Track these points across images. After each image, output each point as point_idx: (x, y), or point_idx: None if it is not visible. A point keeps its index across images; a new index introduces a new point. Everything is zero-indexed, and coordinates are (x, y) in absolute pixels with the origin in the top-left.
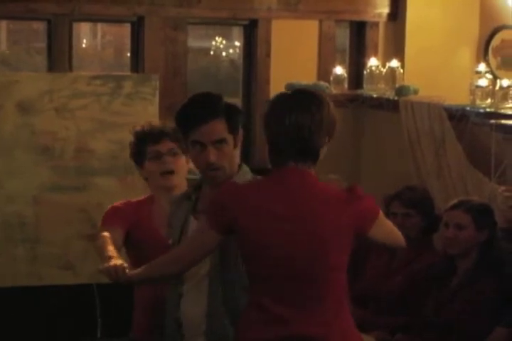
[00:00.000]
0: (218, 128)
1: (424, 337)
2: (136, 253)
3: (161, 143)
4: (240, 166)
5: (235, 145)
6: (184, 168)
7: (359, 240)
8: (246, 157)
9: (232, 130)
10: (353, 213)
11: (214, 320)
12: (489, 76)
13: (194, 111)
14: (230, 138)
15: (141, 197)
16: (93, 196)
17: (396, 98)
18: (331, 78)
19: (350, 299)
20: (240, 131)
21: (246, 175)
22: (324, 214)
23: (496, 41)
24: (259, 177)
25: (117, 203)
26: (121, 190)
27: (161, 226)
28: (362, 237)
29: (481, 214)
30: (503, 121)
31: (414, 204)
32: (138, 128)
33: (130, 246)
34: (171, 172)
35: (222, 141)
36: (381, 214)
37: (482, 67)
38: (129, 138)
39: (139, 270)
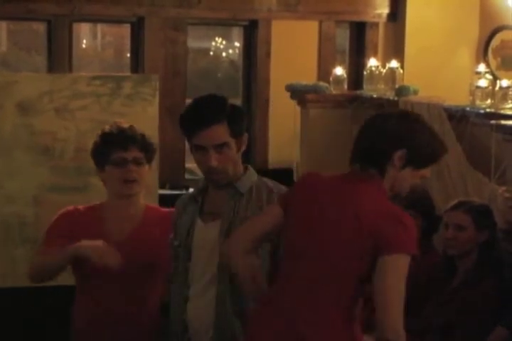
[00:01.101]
0: (219, 132)
1: (424, 338)
2: (81, 268)
3: (129, 151)
4: (246, 168)
5: (238, 149)
6: (146, 177)
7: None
8: (247, 157)
9: (235, 134)
10: (378, 231)
11: (222, 324)
12: (489, 76)
13: (196, 115)
14: (232, 142)
15: (92, 204)
16: (93, 196)
17: (396, 98)
18: (331, 78)
19: None
20: (245, 135)
21: (252, 177)
22: (351, 222)
23: (495, 41)
24: (264, 178)
25: (64, 212)
26: None
27: (111, 233)
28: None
29: (481, 214)
30: (503, 122)
31: (414, 205)
32: (106, 129)
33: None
34: (133, 181)
35: (223, 145)
36: (403, 261)
37: (482, 67)
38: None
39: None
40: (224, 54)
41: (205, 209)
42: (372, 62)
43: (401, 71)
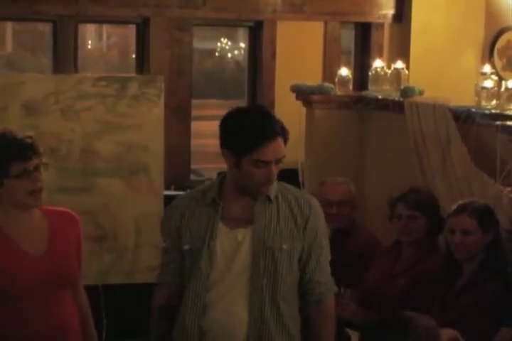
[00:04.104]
0: (282, 145)
1: None
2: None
3: (30, 160)
4: None
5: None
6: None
7: (366, 244)
8: None
9: (285, 146)
10: None
11: (258, 327)
12: (494, 77)
13: (262, 128)
14: None
15: None
16: (98, 197)
17: (401, 99)
18: (336, 79)
19: (355, 301)
20: None
21: (274, 183)
22: None
23: (501, 42)
24: (283, 183)
25: None
26: (126, 191)
27: (28, 250)
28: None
29: (485, 216)
30: (509, 123)
31: (419, 206)
32: None
33: None
34: (40, 190)
35: (281, 159)
36: None
37: (487, 68)
38: (135, 139)
39: None
40: (229, 55)
41: (226, 214)
42: (378, 63)
43: (406, 72)
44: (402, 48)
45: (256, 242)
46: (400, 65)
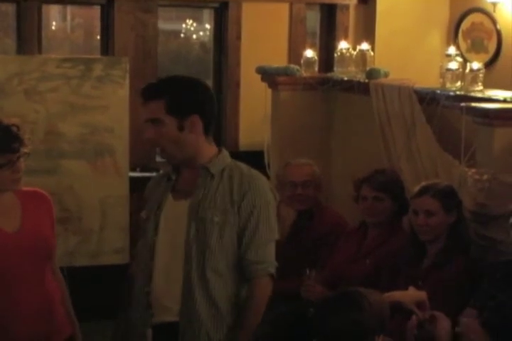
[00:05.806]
0: (153, 108)
1: (394, 319)
2: None
3: (16, 152)
4: (220, 150)
5: (181, 129)
6: None
7: (331, 226)
8: (217, 140)
9: (172, 111)
10: None
11: (189, 302)
12: (459, 59)
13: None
14: (169, 119)
15: None
16: (63, 179)
17: (366, 81)
18: (302, 61)
19: (321, 282)
20: (193, 117)
21: (225, 159)
22: None
23: (466, 24)
24: (239, 162)
25: None
26: (91, 172)
27: (2, 227)
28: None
29: (448, 197)
30: (473, 104)
31: (384, 188)
32: None
33: None
34: (20, 178)
35: (156, 121)
36: None
37: (452, 50)
38: (100, 121)
39: None
40: (195, 36)
41: (177, 187)
42: (343, 45)
43: (372, 53)
44: (367, 30)
45: (190, 212)
46: (365, 46)
